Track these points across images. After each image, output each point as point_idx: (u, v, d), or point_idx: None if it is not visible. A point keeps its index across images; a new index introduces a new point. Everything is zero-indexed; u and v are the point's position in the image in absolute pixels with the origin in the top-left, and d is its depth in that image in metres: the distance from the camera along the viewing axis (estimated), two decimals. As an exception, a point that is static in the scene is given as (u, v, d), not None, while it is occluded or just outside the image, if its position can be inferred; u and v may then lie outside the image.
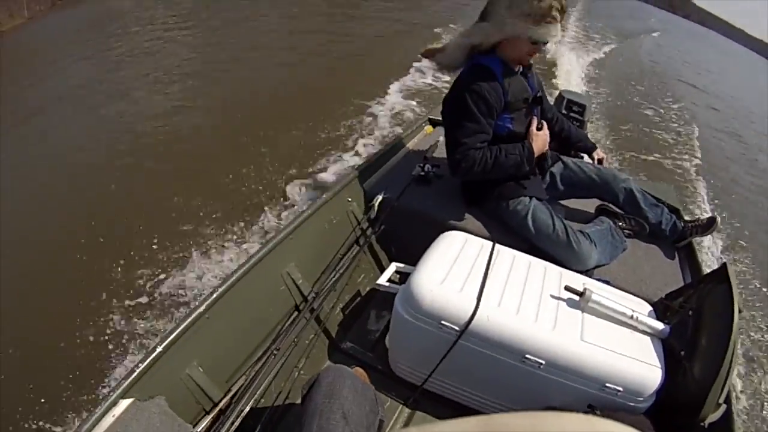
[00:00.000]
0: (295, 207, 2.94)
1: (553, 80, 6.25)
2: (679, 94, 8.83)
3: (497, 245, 1.23)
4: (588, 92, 6.43)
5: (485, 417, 0.25)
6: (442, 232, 1.27)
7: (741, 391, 2.43)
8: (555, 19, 1.32)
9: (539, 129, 1.51)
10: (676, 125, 6.65)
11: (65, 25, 7.98)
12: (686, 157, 5.64)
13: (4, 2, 7.95)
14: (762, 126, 9.47)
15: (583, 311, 1.13)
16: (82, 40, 6.91)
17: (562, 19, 1.34)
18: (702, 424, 1.06)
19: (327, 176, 3.33)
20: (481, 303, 1.05)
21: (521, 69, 1.51)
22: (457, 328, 1.05)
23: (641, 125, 6.15)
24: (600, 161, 1.81)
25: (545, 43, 1.38)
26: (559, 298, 1.13)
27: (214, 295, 1.08)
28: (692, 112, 7.72)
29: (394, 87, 5.22)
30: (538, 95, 1.55)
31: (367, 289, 1.51)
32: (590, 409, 1.12)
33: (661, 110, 7.19)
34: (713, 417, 1.07)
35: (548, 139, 1.55)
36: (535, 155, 1.47)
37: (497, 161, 1.41)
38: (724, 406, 1.09)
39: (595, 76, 7.49)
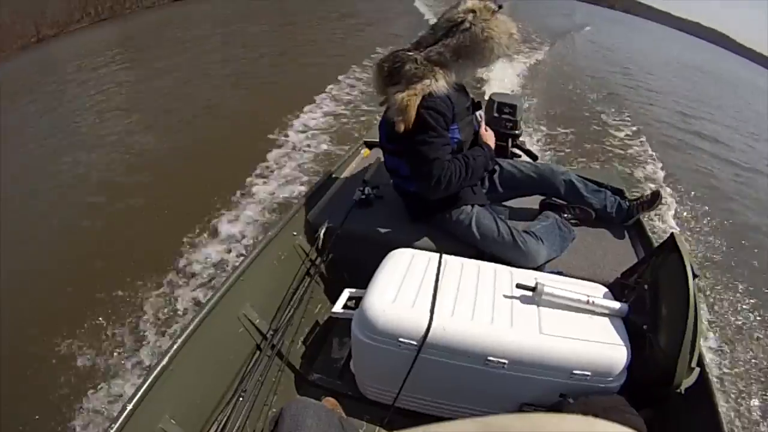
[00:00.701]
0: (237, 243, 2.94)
1: (484, 89, 6.23)
2: (614, 81, 9.26)
3: (445, 256, 1.24)
4: (516, 92, 6.41)
5: (484, 419, 0.25)
6: (390, 251, 1.29)
7: (717, 354, 2.47)
8: None
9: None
10: (615, 114, 6.83)
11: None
12: (625, 138, 5.85)
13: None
14: (684, 90, 10.37)
15: (538, 305, 1.15)
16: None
17: None
18: (678, 390, 1.07)
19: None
20: (434, 315, 1.06)
21: None
22: (415, 343, 1.06)
23: (580, 119, 6.27)
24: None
25: None
26: (512, 297, 1.15)
27: (175, 347, 1.08)
28: (627, 98, 8.07)
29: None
30: (476, 101, 1.59)
31: (326, 318, 1.51)
32: (562, 397, 1.13)
33: (599, 101, 7.33)
34: (688, 382, 1.09)
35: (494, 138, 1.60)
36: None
37: (469, 166, 1.44)
38: (697, 370, 1.11)
39: (530, 82, 7.42)
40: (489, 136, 1.61)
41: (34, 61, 9.64)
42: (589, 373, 1.10)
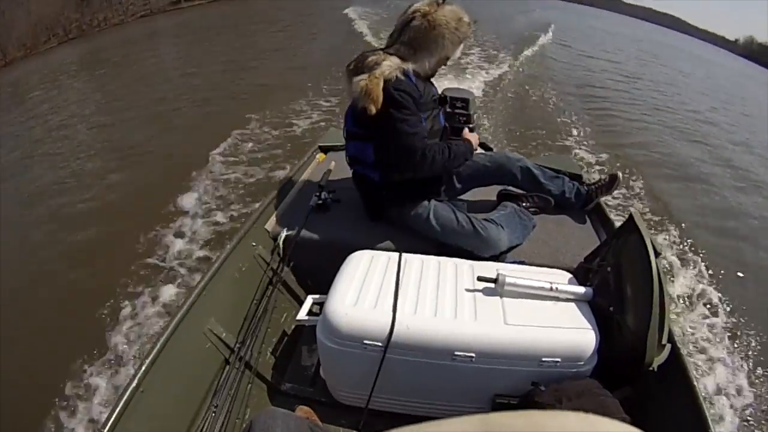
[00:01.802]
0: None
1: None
2: (578, 75, 9.40)
3: (404, 254, 1.24)
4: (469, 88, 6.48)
5: (484, 416, 0.25)
6: (350, 254, 1.28)
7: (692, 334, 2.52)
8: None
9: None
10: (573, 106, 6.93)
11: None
12: (580, 126, 5.95)
13: None
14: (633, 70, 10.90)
15: (501, 296, 1.15)
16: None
17: None
18: (651, 368, 1.08)
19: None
20: (397, 314, 1.06)
21: None
22: (380, 344, 1.05)
23: (541, 115, 6.31)
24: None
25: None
26: (474, 290, 1.15)
27: (143, 368, 1.06)
28: (590, 88, 8.32)
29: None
30: (443, 96, 1.63)
31: (292, 326, 1.50)
32: (534, 386, 1.13)
33: (560, 96, 7.34)
34: (660, 359, 1.10)
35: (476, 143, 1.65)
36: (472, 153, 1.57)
37: (451, 150, 1.48)
38: (668, 346, 1.12)
39: (502, 92, 7.17)
40: (473, 136, 1.65)
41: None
42: (558, 359, 1.10)
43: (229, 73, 7.91)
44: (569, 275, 1.26)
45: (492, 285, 1.15)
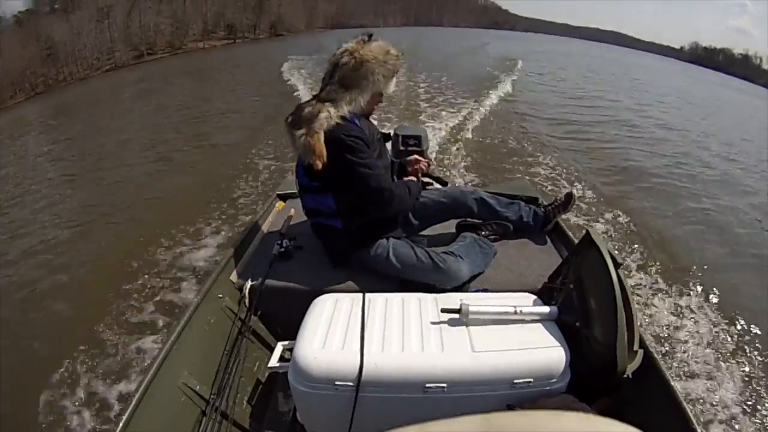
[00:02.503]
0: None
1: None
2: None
3: (368, 294, 1.27)
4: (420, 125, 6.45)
5: (485, 416, 0.26)
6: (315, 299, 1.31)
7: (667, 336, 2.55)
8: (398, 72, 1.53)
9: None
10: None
11: None
12: (536, 154, 6.18)
13: None
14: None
15: (467, 325, 1.18)
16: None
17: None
18: (626, 376, 1.10)
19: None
20: (365, 352, 1.09)
21: None
22: (351, 383, 1.07)
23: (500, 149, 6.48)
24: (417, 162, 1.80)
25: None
26: (440, 323, 1.18)
27: (119, 428, 1.06)
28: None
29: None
30: (386, 133, 1.67)
31: (266, 374, 1.51)
32: (510, 408, 1.14)
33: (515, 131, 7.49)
34: (633, 366, 1.11)
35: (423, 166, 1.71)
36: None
37: (408, 187, 1.55)
38: (640, 352, 1.14)
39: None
40: (420, 164, 1.72)
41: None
42: (531, 380, 1.12)
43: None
44: (534, 297, 1.29)
45: (456, 315, 1.18)
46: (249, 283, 1.58)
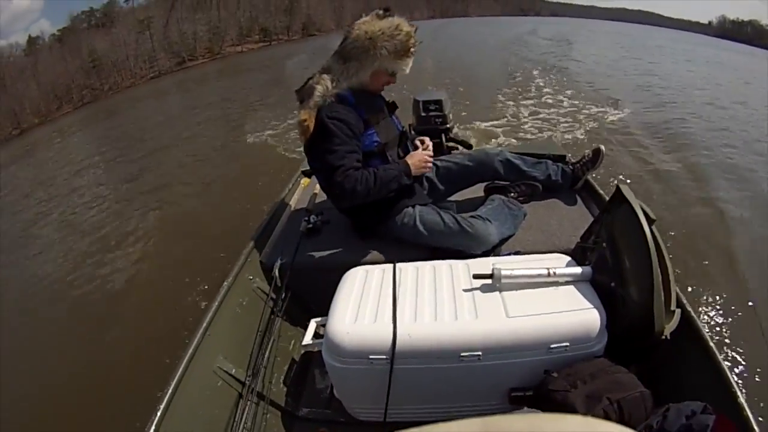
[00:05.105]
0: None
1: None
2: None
3: (399, 264, 1.25)
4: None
5: (485, 419, 0.26)
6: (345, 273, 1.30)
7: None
8: (412, 53, 1.47)
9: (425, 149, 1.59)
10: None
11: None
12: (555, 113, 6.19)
13: None
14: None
15: (500, 291, 1.15)
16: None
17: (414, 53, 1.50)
18: (664, 337, 1.06)
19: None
20: (397, 324, 1.07)
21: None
22: (385, 357, 1.07)
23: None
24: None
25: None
26: (472, 289, 1.16)
27: (158, 415, 1.07)
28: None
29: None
30: (391, 102, 1.62)
31: (301, 352, 1.52)
32: (546, 373, 1.12)
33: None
34: (671, 327, 1.07)
35: (426, 156, 1.58)
36: (413, 171, 1.51)
37: (377, 176, 1.44)
38: (678, 311, 1.10)
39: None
40: (414, 155, 1.58)
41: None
42: (567, 344, 1.09)
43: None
44: (567, 258, 1.25)
45: (489, 281, 1.15)
46: (279, 262, 1.58)
